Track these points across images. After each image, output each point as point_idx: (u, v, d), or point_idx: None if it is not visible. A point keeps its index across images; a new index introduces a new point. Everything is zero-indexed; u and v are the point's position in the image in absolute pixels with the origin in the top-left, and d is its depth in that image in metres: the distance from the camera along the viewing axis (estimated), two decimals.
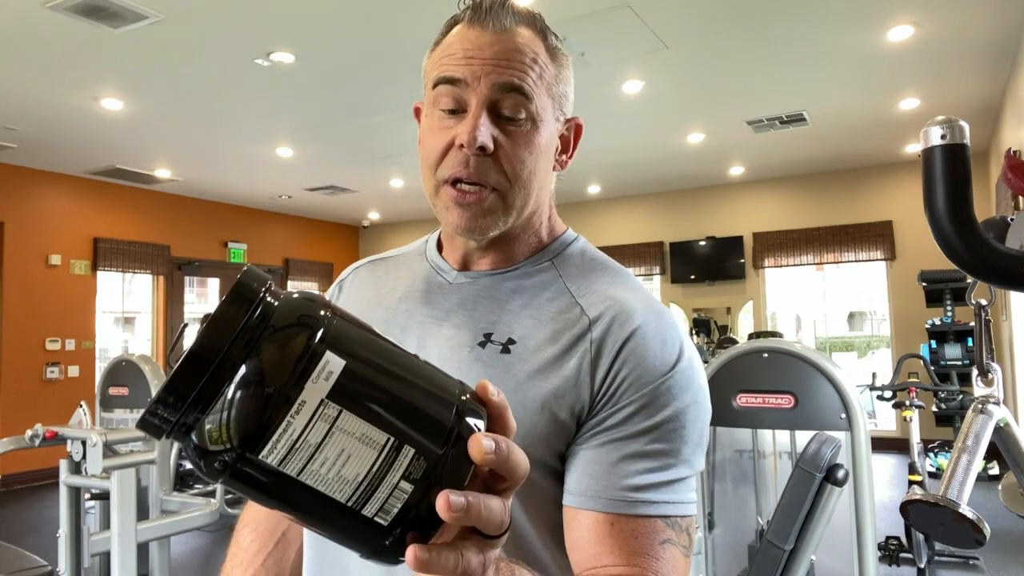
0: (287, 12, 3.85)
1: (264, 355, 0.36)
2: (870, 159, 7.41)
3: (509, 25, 0.74)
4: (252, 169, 7.25)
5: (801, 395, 1.98)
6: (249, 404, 0.35)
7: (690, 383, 0.71)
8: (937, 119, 0.76)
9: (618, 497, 0.65)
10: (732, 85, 5.14)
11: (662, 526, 0.65)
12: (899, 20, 4.11)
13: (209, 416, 0.36)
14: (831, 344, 9.84)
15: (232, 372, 0.36)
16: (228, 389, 0.36)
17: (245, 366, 0.36)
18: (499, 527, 0.40)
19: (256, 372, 0.36)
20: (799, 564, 1.65)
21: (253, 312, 0.37)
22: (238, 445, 0.35)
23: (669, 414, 0.68)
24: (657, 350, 0.70)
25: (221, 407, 0.36)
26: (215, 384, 0.36)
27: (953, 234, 0.75)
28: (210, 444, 0.36)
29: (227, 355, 0.36)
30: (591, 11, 3.88)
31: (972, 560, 3.63)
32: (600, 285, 0.76)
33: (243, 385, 0.35)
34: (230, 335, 0.36)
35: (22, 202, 6.87)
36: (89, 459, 2.33)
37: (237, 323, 0.36)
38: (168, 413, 0.36)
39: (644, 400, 0.68)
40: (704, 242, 8.43)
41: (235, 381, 0.36)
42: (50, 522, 5.10)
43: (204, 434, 0.36)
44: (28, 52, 4.28)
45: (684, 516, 0.68)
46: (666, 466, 0.67)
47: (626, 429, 0.67)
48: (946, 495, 1.18)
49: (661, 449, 0.67)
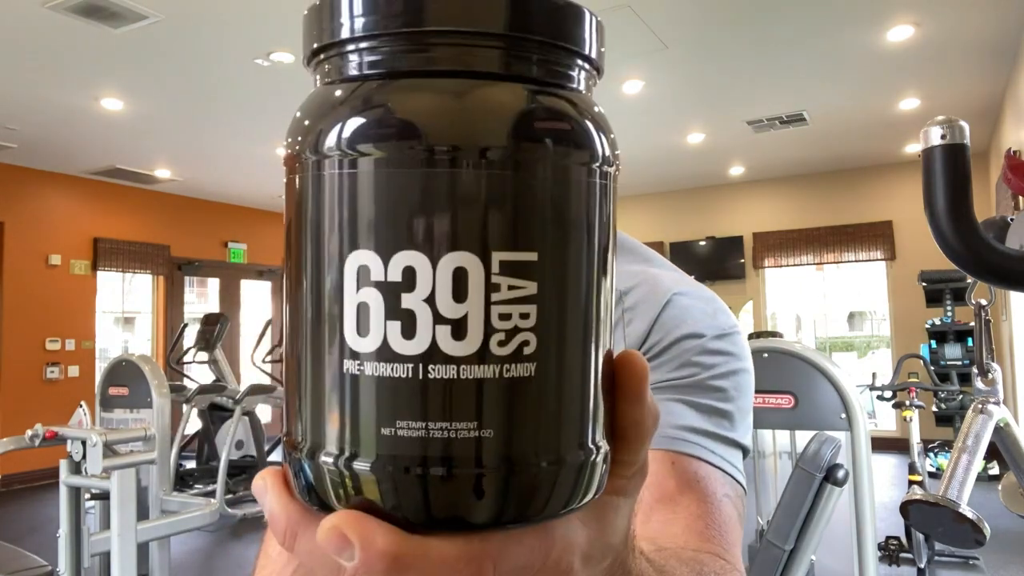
0: (287, 12, 3.85)
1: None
2: (870, 159, 7.41)
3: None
4: (252, 169, 7.25)
5: (801, 395, 1.98)
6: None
7: (743, 351, 0.68)
8: (937, 119, 0.77)
9: (674, 435, 0.60)
10: (732, 85, 5.14)
11: (721, 479, 0.60)
12: (899, 20, 4.11)
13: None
14: (831, 344, 9.84)
15: None
16: None
17: None
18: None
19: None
20: (799, 564, 1.65)
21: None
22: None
23: (720, 372, 0.64)
24: (701, 316, 0.67)
25: None
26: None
27: (953, 234, 0.75)
28: None
29: None
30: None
31: (972, 560, 3.63)
32: (626, 264, 0.73)
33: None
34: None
35: (22, 202, 6.87)
36: (89, 459, 2.33)
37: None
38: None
39: (691, 356, 0.64)
40: (704, 242, 8.43)
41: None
42: (50, 522, 5.09)
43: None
44: (28, 52, 4.28)
45: (740, 483, 0.62)
46: (719, 425, 0.62)
47: (675, 380, 0.63)
48: (946, 495, 1.18)
49: (713, 406, 0.63)
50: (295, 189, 0.26)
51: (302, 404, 0.26)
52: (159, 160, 6.85)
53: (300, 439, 0.26)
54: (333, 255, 0.24)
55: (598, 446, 0.27)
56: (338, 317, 0.24)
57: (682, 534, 0.57)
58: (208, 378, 6.40)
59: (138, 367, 3.52)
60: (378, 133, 0.24)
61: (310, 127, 0.26)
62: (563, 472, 0.25)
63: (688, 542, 0.56)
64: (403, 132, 0.24)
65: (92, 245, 7.43)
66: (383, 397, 0.24)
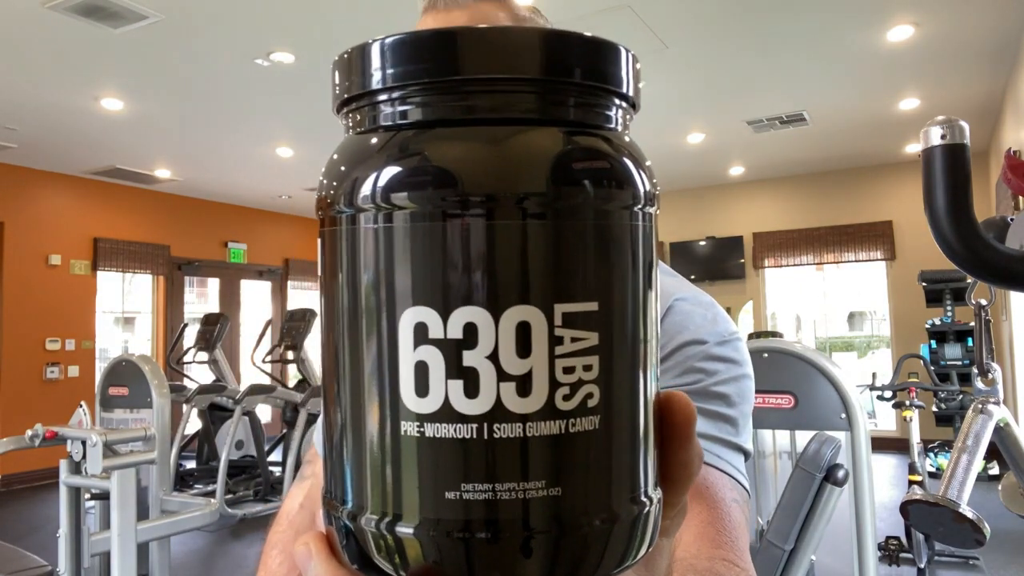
0: (287, 12, 3.85)
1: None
2: (870, 159, 7.41)
3: (465, 2, 0.73)
4: (252, 169, 7.25)
5: (801, 395, 1.98)
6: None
7: (744, 357, 0.68)
8: (937, 119, 0.76)
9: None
10: (732, 85, 5.14)
11: (728, 484, 0.61)
12: (899, 20, 4.11)
13: None
14: (831, 344, 9.84)
15: None
16: None
17: None
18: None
19: None
20: (799, 564, 1.65)
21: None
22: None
23: (723, 378, 0.65)
24: (701, 320, 0.68)
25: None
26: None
27: (953, 234, 0.75)
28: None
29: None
30: (591, 11, 3.88)
31: (972, 560, 3.63)
32: None
33: None
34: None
35: (22, 202, 6.87)
36: (89, 459, 2.33)
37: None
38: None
39: (693, 363, 0.65)
40: (704, 242, 8.43)
41: None
42: (50, 522, 5.09)
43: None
44: (28, 52, 4.28)
45: (743, 485, 0.63)
46: (723, 430, 0.64)
47: (679, 384, 0.64)
48: (946, 495, 1.18)
49: (716, 411, 0.64)
50: (335, 242, 0.25)
51: (355, 467, 0.25)
52: (159, 160, 6.85)
53: (351, 503, 0.25)
54: (385, 312, 0.24)
55: (653, 496, 0.26)
56: (393, 377, 0.23)
57: (694, 542, 0.57)
58: (208, 378, 6.40)
59: (138, 367, 3.52)
60: (424, 185, 0.23)
61: (347, 177, 0.25)
62: (635, 523, 0.25)
63: (701, 550, 0.56)
64: (451, 184, 0.23)
65: (92, 245, 7.43)
66: (446, 459, 0.23)
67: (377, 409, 0.24)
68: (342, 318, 0.25)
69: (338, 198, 0.25)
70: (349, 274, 0.25)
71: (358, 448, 0.25)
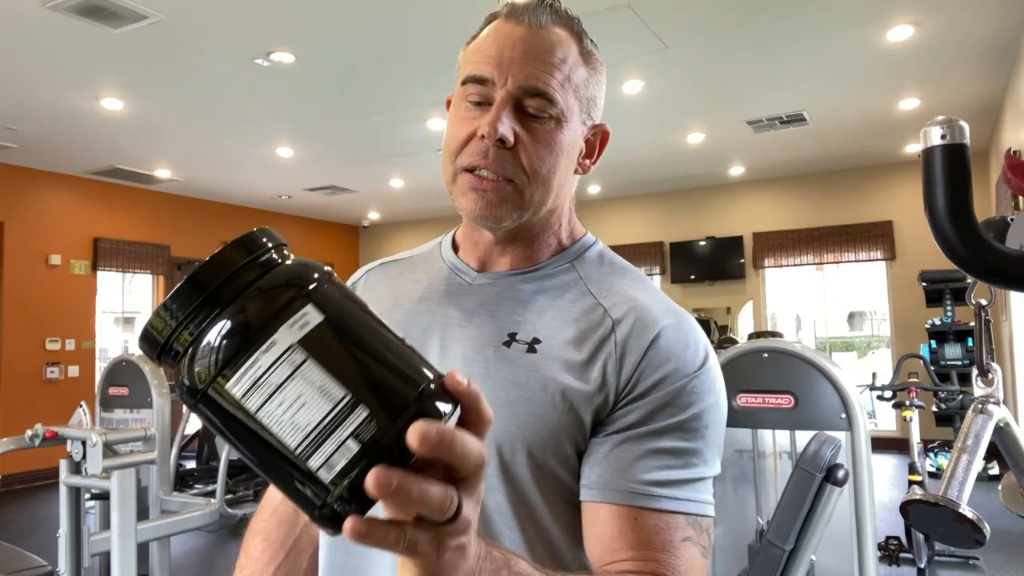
0: (287, 12, 3.85)
1: (251, 295, 0.40)
2: (870, 159, 7.41)
3: (544, 23, 0.75)
4: (252, 169, 7.25)
5: (801, 395, 1.98)
6: (227, 334, 0.39)
7: (713, 385, 0.72)
8: (937, 119, 0.76)
9: (640, 491, 0.66)
10: (732, 85, 5.14)
11: (683, 523, 0.66)
12: (899, 20, 4.11)
13: (197, 340, 0.40)
14: (831, 344, 9.84)
15: (222, 304, 0.40)
16: (217, 319, 0.40)
17: (233, 302, 0.40)
18: (438, 512, 0.39)
19: (240, 308, 0.40)
20: (799, 564, 1.65)
21: (255, 257, 0.42)
22: (212, 369, 0.39)
23: (693, 413, 0.69)
24: (681, 351, 0.71)
25: (207, 335, 0.40)
26: (205, 311, 0.40)
27: (953, 234, 0.75)
28: (191, 367, 0.40)
29: (219, 287, 0.40)
30: (591, 11, 3.88)
31: (972, 560, 3.62)
32: (621, 287, 0.77)
33: (226, 317, 0.40)
34: (226, 271, 0.41)
35: (22, 202, 6.87)
36: (89, 459, 2.33)
37: (236, 263, 0.41)
38: (159, 332, 0.41)
39: (669, 398, 0.69)
40: (704, 242, 8.43)
41: (224, 313, 0.40)
42: (50, 522, 5.09)
43: (190, 357, 0.40)
44: (28, 52, 4.28)
45: (704, 516, 0.68)
46: (688, 464, 0.68)
47: (650, 426, 0.68)
48: (946, 495, 1.18)
49: (684, 448, 0.68)
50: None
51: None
52: (159, 160, 6.85)
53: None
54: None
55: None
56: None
57: None
58: None
59: (138, 367, 3.52)
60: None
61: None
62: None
63: None
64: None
65: (92, 245, 7.43)
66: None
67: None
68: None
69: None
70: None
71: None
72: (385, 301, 0.85)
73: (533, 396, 0.70)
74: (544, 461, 0.69)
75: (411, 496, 0.37)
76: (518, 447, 0.69)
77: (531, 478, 0.70)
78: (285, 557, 0.85)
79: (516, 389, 0.71)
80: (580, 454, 0.71)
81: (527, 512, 0.70)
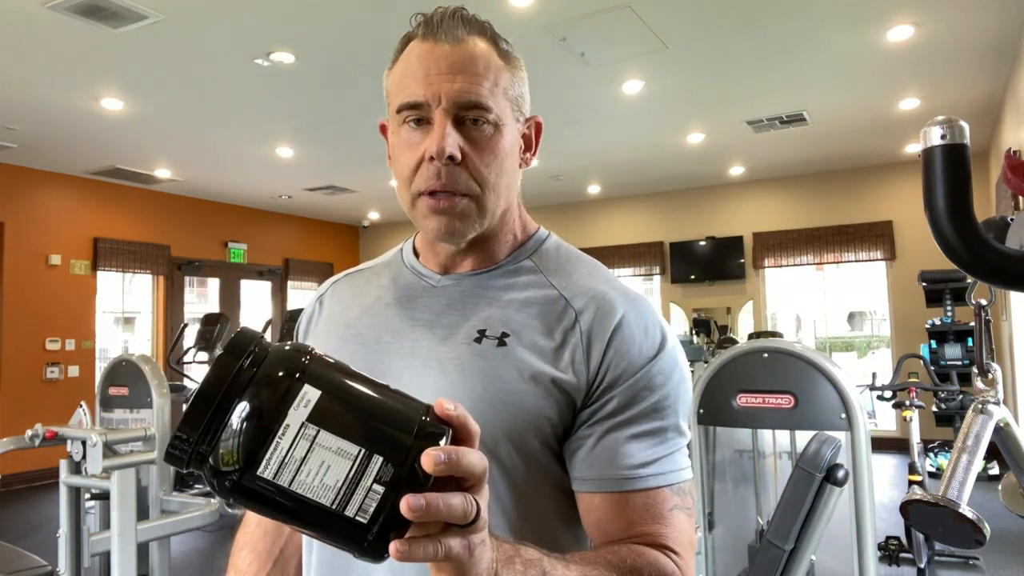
0: (287, 12, 3.85)
1: (255, 391, 0.46)
2: (870, 159, 7.41)
3: (461, 36, 0.77)
4: (252, 169, 7.25)
5: (801, 395, 1.98)
6: (246, 430, 0.45)
7: (675, 363, 0.77)
8: (937, 119, 0.76)
9: (628, 475, 0.72)
10: (732, 85, 5.14)
11: (669, 494, 0.73)
12: (899, 20, 4.11)
13: (218, 444, 0.46)
14: (831, 344, 9.84)
15: (231, 407, 0.46)
16: (231, 421, 0.46)
17: (241, 402, 0.46)
18: (463, 518, 0.47)
19: (249, 405, 0.46)
20: (799, 564, 1.65)
21: (244, 360, 0.47)
22: (241, 464, 0.45)
23: (662, 395, 0.75)
24: (641, 338, 0.76)
25: (226, 436, 0.46)
26: (218, 418, 0.46)
27: (953, 234, 0.75)
28: (221, 466, 0.46)
29: (225, 394, 0.46)
30: (591, 11, 3.88)
31: (972, 560, 3.62)
32: (578, 278, 0.81)
33: (241, 416, 0.46)
34: (226, 379, 0.46)
35: (22, 202, 6.87)
36: (89, 459, 2.33)
37: (231, 369, 0.47)
38: (184, 445, 0.46)
39: (638, 386, 0.74)
40: (704, 242, 8.43)
41: (235, 414, 0.46)
42: (50, 522, 5.09)
43: (216, 459, 0.46)
44: (28, 52, 4.28)
45: (685, 481, 0.75)
46: (665, 440, 0.74)
47: (627, 413, 0.73)
48: (946, 495, 1.18)
49: (660, 427, 0.74)
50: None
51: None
52: (159, 160, 6.85)
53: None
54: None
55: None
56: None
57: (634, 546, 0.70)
58: None
59: (138, 367, 3.51)
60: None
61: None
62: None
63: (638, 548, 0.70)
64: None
65: (92, 245, 7.43)
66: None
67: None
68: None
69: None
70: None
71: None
72: (353, 310, 0.88)
73: (508, 386, 0.73)
74: (525, 447, 0.73)
75: (439, 510, 0.45)
76: (499, 436, 0.72)
77: (516, 465, 0.73)
78: (272, 567, 0.89)
79: (492, 380, 0.74)
80: (560, 437, 0.74)
81: (518, 499, 0.73)
